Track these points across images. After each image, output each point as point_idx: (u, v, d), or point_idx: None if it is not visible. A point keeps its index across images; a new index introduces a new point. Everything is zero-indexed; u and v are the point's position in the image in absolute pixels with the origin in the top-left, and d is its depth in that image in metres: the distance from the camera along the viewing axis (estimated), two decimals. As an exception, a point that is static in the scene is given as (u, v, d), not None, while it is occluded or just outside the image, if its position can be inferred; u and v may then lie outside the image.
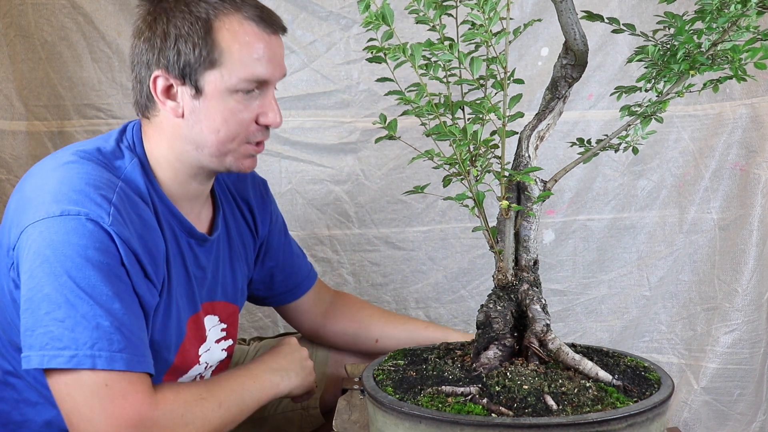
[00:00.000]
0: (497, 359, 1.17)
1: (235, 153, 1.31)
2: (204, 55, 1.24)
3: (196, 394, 1.23)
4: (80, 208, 1.15)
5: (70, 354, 1.10)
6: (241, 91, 1.27)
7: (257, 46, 1.27)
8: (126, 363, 1.13)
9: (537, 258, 1.23)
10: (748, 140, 2.09)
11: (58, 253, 1.12)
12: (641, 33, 1.12)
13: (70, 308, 1.11)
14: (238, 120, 1.28)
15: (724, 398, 2.15)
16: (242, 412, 1.32)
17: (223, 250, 1.48)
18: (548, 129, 1.24)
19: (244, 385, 1.33)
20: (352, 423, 1.34)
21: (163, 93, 1.28)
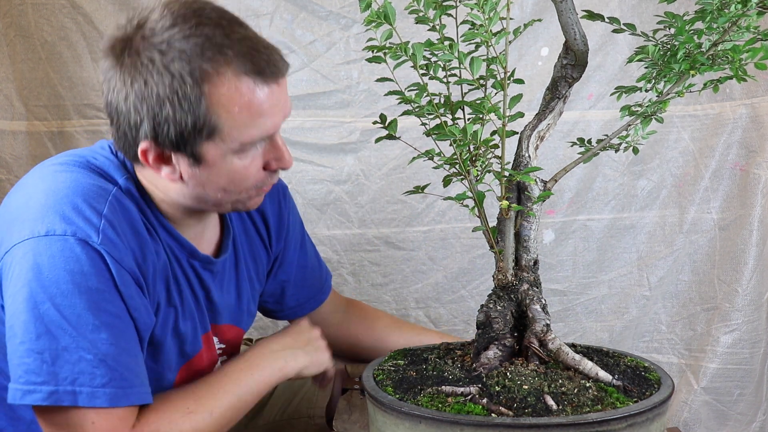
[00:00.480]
0: (497, 359, 1.17)
1: (244, 199, 1.22)
2: (199, 127, 1.09)
3: (183, 409, 1.18)
4: (67, 227, 1.06)
5: (49, 390, 1.03)
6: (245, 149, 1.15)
7: (258, 104, 1.12)
8: (109, 399, 1.05)
9: (537, 258, 1.23)
10: (748, 140, 2.09)
11: (43, 278, 1.03)
12: (641, 33, 1.12)
13: (50, 340, 1.03)
14: (246, 175, 1.17)
15: (724, 398, 2.15)
16: (241, 409, 1.28)
17: (229, 273, 1.39)
18: (548, 129, 1.24)
19: (240, 381, 1.27)
20: (352, 423, 1.34)
21: (155, 161, 1.14)
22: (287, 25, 2.08)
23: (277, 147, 1.19)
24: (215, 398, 1.23)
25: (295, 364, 1.34)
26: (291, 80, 2.08)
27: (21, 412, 1.23)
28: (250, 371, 1.29)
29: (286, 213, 1.49)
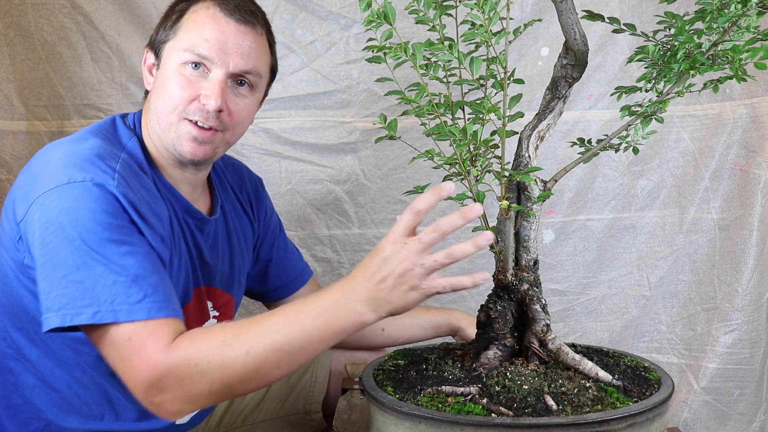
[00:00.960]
0: (497, 359, 1.17)
1: (177, 129, 1.33)
2: (168, 29, 1.36)
3: (219, 341, 1.12)
4: (86, 175, 1.19)
5: (93, 311, 1.12)
6: (187, 64, 1.32)
7: (208, 24, 1.33)
8: (147, 311, 1.13)
9: (537, 258, 1.23)
10: (748, 140, 2.09)
11: (70, 219, 1.16)
12: (641, 33, 1.12)
13: (87, 270, 1.14)
14: (178, 93, 1.32)
15: (724, 398, 2.15)
16: (293, 354, 1.12)
17: (222, 239, 1.50)
18: (548, 129, 1.24)
19: (294, 325, 1.12)
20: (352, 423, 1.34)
21: (148, 70, 1.41)
22: (287, 25, 2.08)
23: (212, 85, 1.32)
24: (258, 336, 1.12)
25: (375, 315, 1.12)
26: (291, 80, 2.09)
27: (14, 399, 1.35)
28: (312, 317, 1.11)
29: (264, 197, 1.67)
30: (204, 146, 1.34)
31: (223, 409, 1.72)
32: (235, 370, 1.11)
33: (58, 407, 1.35)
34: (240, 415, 1.73)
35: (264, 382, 1.15)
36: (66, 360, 1.33)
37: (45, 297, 1.16)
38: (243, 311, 2.16)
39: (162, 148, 1.37)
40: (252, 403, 1.74)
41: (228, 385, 1.12)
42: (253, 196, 1.63)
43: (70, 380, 1.34)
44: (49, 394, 1.34)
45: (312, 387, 1.74)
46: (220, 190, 1.54)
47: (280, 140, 2.11)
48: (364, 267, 1.12)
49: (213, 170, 1.53)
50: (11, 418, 1.36)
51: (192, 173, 1.41)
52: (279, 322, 1.13)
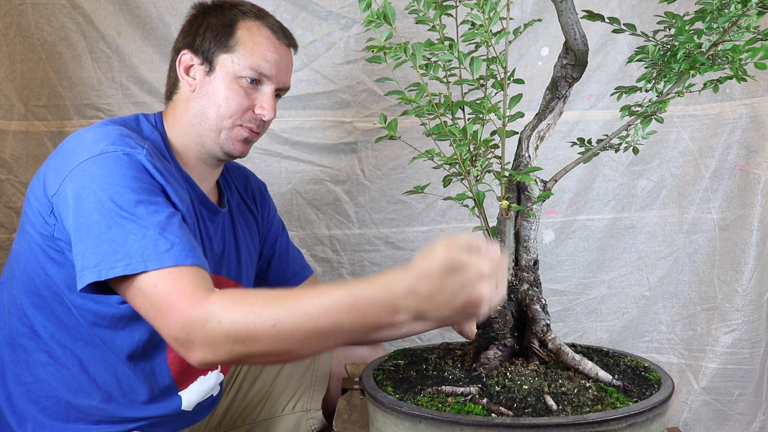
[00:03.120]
0: (497, 359, 1.17)
1: (229, 132, 1.47)
2: (222, 41, 1.46)
3: (249, 305, 1.10)
4: (117, 146, 1.29)
5: (124, 263, 1.19)
6: (245, 78, 1.45)
7: (267, 46, 1.48)
8: (174, 259, 1.19)
9: (537, 258, 1.23)
10: (748, 140, 2.09)
11: (102, 183, 1.25)
12: (641, 33, 1.12)
13: (118, 228, 1.21)
14: (237, 102, 1.45)
15: (724, 398, 2.15)
16: (321, 338, 1.09)
17: (228, 231, 1.59)
18: (548, 129, 1.24)
19: (328, 313, 1.07)
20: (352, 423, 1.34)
21: (184, 70, 1.49)
22: (287, 25, 2.07)
23: (267, 98, 1.48)
24: (289, 313, 1.08)
25: (415, 328, 1.12)
26: (291, 80, 2.09)
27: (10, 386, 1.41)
28: (348, 310, 1.06)
29: (267, 199, 1.77)
30: (249, 145, 1.51)
31: (224, 407, 1.73)
32: (257, 339, 1.09)
33: (68, 386, 1.39)
34: (241, 414, 1.74)
35: (286, 357, 1.14)
36: (79, 338, 1.38)
37: (80, 257, 1.23)
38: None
39: (194, 144, 1.48)
40: (253, 402, 1.75)
41: (248, 350, 1.11)
42: (258, 197, 1.72)
43: (81, 358, 1.39)
44: (60, 372, 1.39)
45: (312, 386, 1.75)
46: (226, 189, 1.63)
47: (280, 140, 2.11)
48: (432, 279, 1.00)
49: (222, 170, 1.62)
50: (22, 395, 1.40)
51: (213, 168, 1.53)
52: (313, 304, 1.08)
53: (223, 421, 1.72)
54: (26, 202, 1.40)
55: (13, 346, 1.42)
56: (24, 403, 1.40)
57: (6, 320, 1.43)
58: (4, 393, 1.42)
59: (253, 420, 1.74)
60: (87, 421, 1.40)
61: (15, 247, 1.44)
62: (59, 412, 1.39)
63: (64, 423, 1.40)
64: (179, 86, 1.50)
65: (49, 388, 1.39)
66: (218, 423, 1.72)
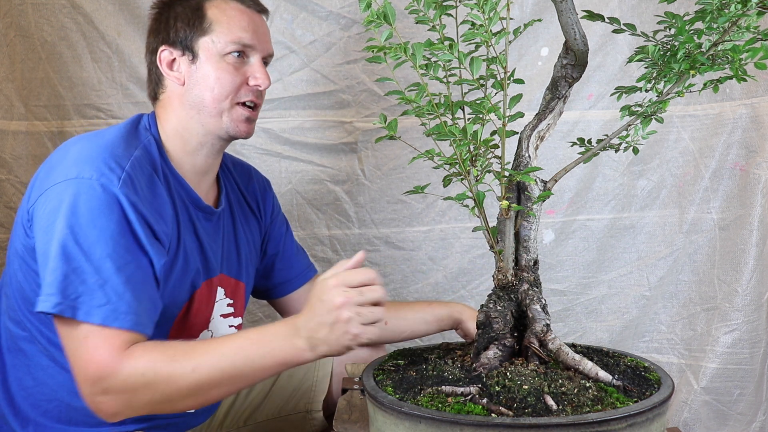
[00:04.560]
0: (497, 359, 1.17)
1: (230, 114, 1.45)
2: (196, 25, 1.45)
3: (169, 355, 1.21)
4: (93, 173, 1.26)
5: (56, 301, 1.20)
6: (231, 54, 1.44)
7: (241, 17, 1.46)
8: (102, 318, 1.20)
9: (537, 258, 1.23)
10: (748, 140, 2.09)
11: (67, 212, 1.23)
12: (641, 33, 1.12)
13: (65, 262, 1.21)
14: (230, 80, 1.44)
15: (724, 398, 2.15)
16: (236, 378, 1.23)
17: (227, 227, 1.58)
18: (548, 129, 1.24)
19: (242, 350, 1.22)
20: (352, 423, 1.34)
21: (167, 66, 1.46)
22: (287, 25, 2.08)
23: (257, 67, 1.47)
24: (206, 356, 1.21)
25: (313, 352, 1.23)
26: (291, 80, 2.09)
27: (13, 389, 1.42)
28: (258, 345, 1.23)
29: (271, 196, 1.75)
30: (253, 124, 1.50)
31: (225, 409, 1.73)
32: (178, 385, 1.20)
33: (69, 388, 1.38)
34: (242, 415, 1.74)
35: (201, 400, 1.24)
36: None
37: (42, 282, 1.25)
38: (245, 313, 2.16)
39: (194, 136, 1.45)
40: (254, 403, 1.75)
41: (169, 398, 1.21)
42: (260, 195, 1.71)
43: None
44: (60, 374, 1.38)
45: (313, 387, 1.75)
46: (227, 185, 1.62)
47: (280, 140, 2.11)
48: (310, 308, 1.23)
49: (222, 167, 1.61)
50: (24, 399, 1.40)
51: (213, 160, 1.51)
52: (227, 345, 1.23)
53: (224, 423, 1.72)
54: (19, 209, 1.41)
55: (13, 350, 1.42)
56: (26, 406, 1.40)
57: (5, 324, 1.43)
58: (6, 397, 1.42)
59: (254, 421, 1.74)
60: (89, 423, 1.40)
61: (9, 252, 1.44)
62: (61, 415, 1.39)
63: (66, 426, 1.39)
64: (164, 84, 1.47)
65: (50, 391, 1.39)
66: (219, 424, 1.72)
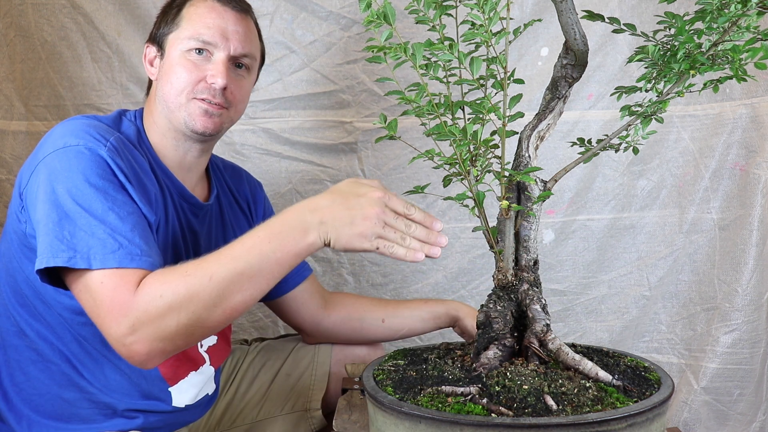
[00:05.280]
0: (497, 359, 1.17)
1: (186, 108, 1.45)
2: (170, 22, 1.49)
3: (182, 272, 1.19)
4: (79, 140, 1.30)
5: (68, 256, 1.20)
6: (192, 50, 1.45)
7: (209, 14, 1.47)
8: (119, 260, 1.20)
9: (537, 258, 1.23)
10: (748, 140, 2.09)
11: (61, 177, 1.25)
12: (641, 33, 1.12)
13: (69, 222, 1.22)
14: (185, 76, 1.44)
15: (724, 398, 2.15)
16: (254, 278, 1.18)
17: (216, 225, 1.59)
18: (548, 129, 1.24)
19: (253, 248, 1.19)
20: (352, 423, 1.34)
21: (149, 62, 1.53)
22: (287, 25, 2.08)
23: (216, 65, 1.45)
24: (219, 263, 1.19)
25: (323, 238, 1.19)
26: (291, 80, 2.09)
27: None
28: (268, 239, 1.19)
29: (262, 198, 1.75)
30: (214, 119, 1.46)
31: (223, 407, 1.73)
32: (200, 297, 1.17)
33: (58, 381, 1.40)
34: (240, 414, 1.74)
35: (229, 310, 1.19)
36: (63, 334, 1.39)
37: (39, 247, 1.24)
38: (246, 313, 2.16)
39: (170, 132, 1.47)
40: (252, 401, 1.75)
41: (195, 314, 1.17)
42: (251, 198, 1.71)
43: (67, 355, 1.40)
44: (49, 368, 1.40)
45: (312, 385, 1.75)
46: (217, 184, 1.63)
47: (280, 140, 2.11)
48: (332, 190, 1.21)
49: (212, 167, 1.62)
50: (16, 395, 1.41)
51: (196, 156, 1.51)
52: (237, 248, 1.20)
53: (222, 421, 1.73)
54: (10, 203, 1.43)
55: (4, 346, 1.43)
56: (18, 402, 1.41)
57: None
58: (1, 392, 1.43)
59: (252, 419, 1.74)
60: (80, 419, 1.40)
61: (0, 249, 1.45)
62: (53, 410, 1.40)
63: (57, 422, 1.40)
64: (152, 81, 1.53)
65: (41, 385, 1.40)
66: (217, 422, 1.72)
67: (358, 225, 1.16)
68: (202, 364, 1.55)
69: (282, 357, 1.79)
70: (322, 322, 1.75)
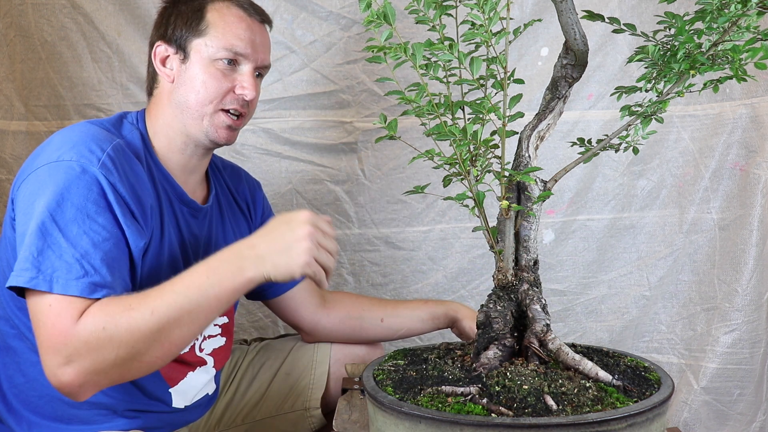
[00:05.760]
0: (497, 359, 1.17)
1: (211, 119, 1.45)
2: (193, 26, 1.45)
3: (125, 305, 1.19)
4: (73, 155, 1.28)
5: (30, 276, 1.20)
6: (221, 60, 1.44)
7: (239, 24, 1.46)
8: (79, 289, 1.19)
9: (537, 258, 1.23)
10: (748, 140, 2.09)
11: (46, 192, 1.24)
12: (641, 33, 1.12)
13: (42, 239, 1.22)
14: (215, 86, 1.44)
15: (724, 398, 2.15)
16: (194, 313, 1.22)
17: (215, 225, 1.59)
18: (548, 129, 1.24)
19: (192, 283, 1.23)
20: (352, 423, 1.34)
21: (161, 62, 1.48)
22: (287, 26, 2.08)
23: (246, 78, 1.46)
24: (160, 297, 1.21)
25: (257, 271, 1.25)
26: (291, 80, 2.09)
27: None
28: (206, 273, 1.24)
29: (261, 197, 1.75)
30: (235, 132, 1.49)
31: (223, 407, 1.73)
32: (140, 331, 1.18)
33: None
34: (240, 413, 1.74)
35: (167, 345, 1.21)
36: None
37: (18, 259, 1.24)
38: (243, 310, 2.16)
39: (178, 136, 1.46)
40: (252, 401, 1.75)
41: (134, 348, 1.18)
42: (249, 197, 1.71)
43: None
44: None
45: (311, 384, 1.75)
46: (216, 185, 1.63)
47: (280, 140, 2.11)
48: (270, 228, 1.27)
49: (211, 167, 1.62)
50: (16, 396, 1.41)
51: (198, 159, 1.51)
52: (177, 283, 1.23)
53: (222, 420, 1.73)
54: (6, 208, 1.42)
55: (2, 348, 1.42)
56: (18, 404, 1.41)
57: None
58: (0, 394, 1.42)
59: (252, 419, 1.74)
60: (80, 420, 1.40)
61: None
62: (53, 412, 1.39)
63: (58, 423, 1.40)
64: (158, 80, 1.49)
65: (41, 387, 1.39)
66: (217, 422, 1.72)
67: (294, 248, 1.25)
68: (204, 365, 1.55)
69: (281, 356, 1.79)
70: (321, 321, 1.75)
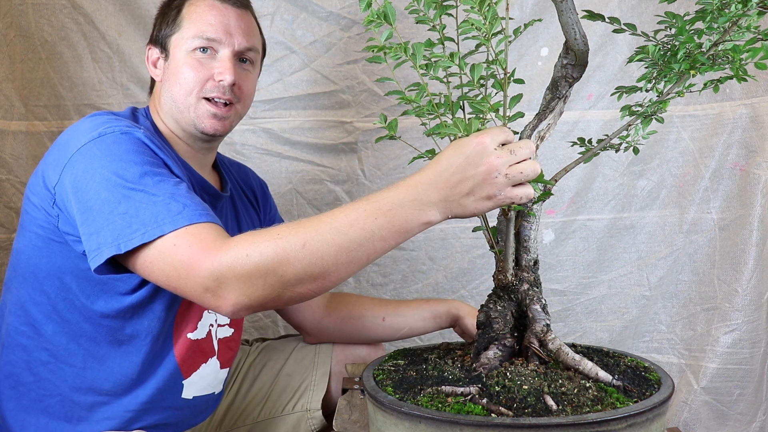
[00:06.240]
0: (497, 359, 1.17)
1: (196, 109, 1.47)
2: (171, 24, 1.50)
3: (273, 233, 1.13)
4: (114, 127, 1.31)
5: (141, 232, 1.18)
6: (197, 49, 1.46)
7: (209, 12, 1.48)
8: (188, 218, 1.18)
9: (537, 258, 1.23)
10: (748, 140, 2.09)
11: (104, 162, 1.25)
12: (641, 33, 1.12)
13: (127, 201, 1.21)
14: (193, 75, 1.45)
15: (724, 398, 2.15)
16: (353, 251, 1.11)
17: (230, 214, 1.62)
18: (548, 129, 1.24)
19: (356, 223, 1.11)
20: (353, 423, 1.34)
21: (152, 64, 1.54)
22: (288, 26, 2.08)
23: (222, 63, 1.47)
24: (315, 231, 1.11)
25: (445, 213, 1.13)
26: (291, 80, 2.10)
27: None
28: (374, 215, 1.11)
29: (269, 196, 1.79)
30: (222, 121, 1.48)
31: (224, 408, 1.73)
32: (290, 263, 1.10)
33: (71, 383, 1.39)
34: (241, 415, 1.74)
35: (321, 280, 1.12)
36: (81, 334, 1.37)
37: (94, 237, 1.22)
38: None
39: (177, 130, 1.50)
40: (253, 402, 1.75)
41: (282, 278, 1.11)
42: (259, 193, 1.75)
43: (84, 355, 1.38)
44: (62, 369, 1.39)
45: (312, 386, 1.75)
46: (227, 176, 1.66)
47: (280, 140, 2.11)
48: (441, 164, 1.09)
49: (220, 163, 1.65)
50: (21, 396, 1.40)
51: (203, 153, 1.54)
52: (339, 218, 1.12)
53: (223, 422, 1.73)
54: (25, 200, 1.41)
55: (10, 346, 1.42)
56: (24, 404, 1.40)
57: (6, 320, 1.43)
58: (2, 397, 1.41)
59: (253, 420, 1.74)
60: (90, 420, 1.40)
61: (16, 246, 1.44)
62: (62, 412, 1.39)
63: (67, 423, 1.39)
64: (154, 81, 1.55)
65: (52, 386, 1.39)
66: (219, 423, 1.72)
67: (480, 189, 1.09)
68: (214, 356, 1.55)
69: (283, 357, 1.79)
70: (323, 320, 1.75)
